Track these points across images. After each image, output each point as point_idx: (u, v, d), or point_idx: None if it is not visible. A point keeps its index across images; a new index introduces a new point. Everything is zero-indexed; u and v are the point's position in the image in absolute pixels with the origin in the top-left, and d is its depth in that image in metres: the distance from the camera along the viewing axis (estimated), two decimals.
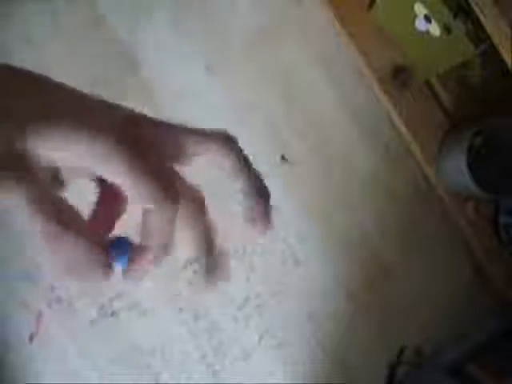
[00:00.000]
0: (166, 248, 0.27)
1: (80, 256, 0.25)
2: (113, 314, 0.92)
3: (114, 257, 0.26)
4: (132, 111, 0.27)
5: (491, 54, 0.73)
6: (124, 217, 0.29)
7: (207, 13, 0.98)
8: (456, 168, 0.91)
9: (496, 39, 0.67)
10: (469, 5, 0.69)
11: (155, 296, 0.94)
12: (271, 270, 0.97)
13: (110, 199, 0.29)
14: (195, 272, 0.28)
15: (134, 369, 0.93)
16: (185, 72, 0.97)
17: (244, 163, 0.27)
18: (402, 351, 0.99)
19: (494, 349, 0.94)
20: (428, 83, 0.98)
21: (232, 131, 0.27)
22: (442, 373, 0.91)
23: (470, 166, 0.88)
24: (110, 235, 0.28)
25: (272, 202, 0.27)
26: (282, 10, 1.00)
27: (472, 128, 0.91)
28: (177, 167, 0.27)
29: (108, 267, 0.25)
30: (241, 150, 0.27)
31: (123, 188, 0.25)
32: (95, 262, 0.25)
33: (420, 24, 0.87)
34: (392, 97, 0.96)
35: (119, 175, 0.25)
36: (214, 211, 0.28)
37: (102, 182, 0.28)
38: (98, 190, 0.29)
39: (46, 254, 0.24)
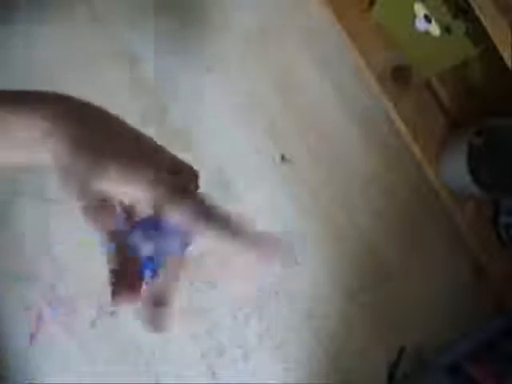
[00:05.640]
0: None
1: None
2: (113, 313, 0.92)
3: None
4: (174, 157, 0.32)
5: (491, 54, 0.73)
6: None
7: (207, 13, 0.98)
8: (456, 168, 0.91)
9: (496, 39, 0.67)
10: (469, 5, 0.69)
11: None
12: (271, 269, 0.97)
13: None
14: None
15: (134, 369, 0.93)
16: (185, 72, 0.97)
17: None
18: (401, 351, 0.99)
19: (494, 349, 0.94)
20: (428, 83, 0.98)
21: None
22: (442, 373, 0.91)
23: (470, 166, 0.88)
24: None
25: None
26: (282, 10, 1.00)
27: (472, 128, 0.91)
28: None
29: None
30: None
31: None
32: None
33: (420, 24, 0.87)
34: (392, 97, 0.96)
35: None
36: None
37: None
38: None
39: None
